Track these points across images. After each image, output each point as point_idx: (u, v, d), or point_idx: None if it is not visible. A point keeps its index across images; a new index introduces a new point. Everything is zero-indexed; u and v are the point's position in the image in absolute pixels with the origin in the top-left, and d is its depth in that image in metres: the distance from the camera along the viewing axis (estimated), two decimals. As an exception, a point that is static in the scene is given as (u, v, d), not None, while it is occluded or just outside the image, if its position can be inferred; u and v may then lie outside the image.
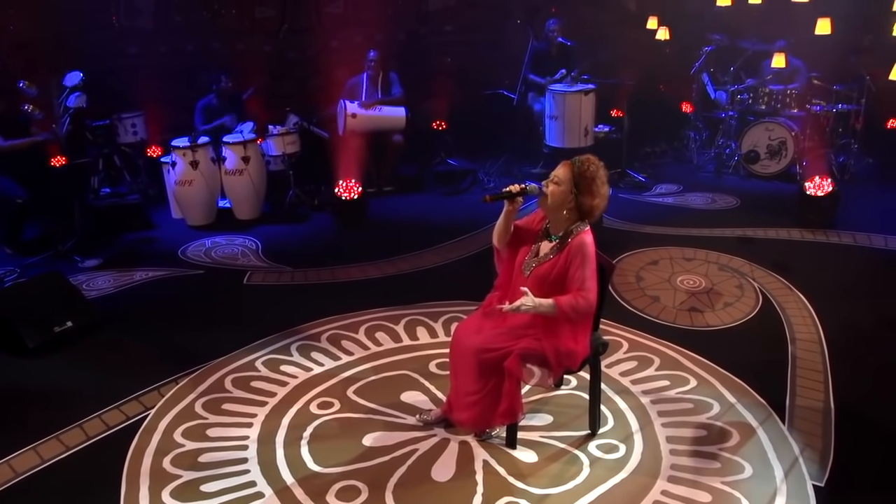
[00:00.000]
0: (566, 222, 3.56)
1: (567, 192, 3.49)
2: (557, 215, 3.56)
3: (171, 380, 4.47)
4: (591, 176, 3.48)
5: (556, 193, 3.50)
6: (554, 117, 8.35)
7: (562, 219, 3.56)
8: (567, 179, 3.49)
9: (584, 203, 3.51)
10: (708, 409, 4.07)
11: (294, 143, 7.56)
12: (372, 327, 5.06)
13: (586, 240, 3.51)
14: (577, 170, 3.49)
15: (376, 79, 8.18)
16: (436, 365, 4.54)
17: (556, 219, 3.59)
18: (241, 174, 7.22)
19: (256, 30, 9.00)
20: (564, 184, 3.49)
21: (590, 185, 3.49)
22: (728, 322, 5.08)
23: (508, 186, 3.60)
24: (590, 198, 3.50)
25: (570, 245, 3.50)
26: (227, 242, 6.86)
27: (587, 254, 3.47)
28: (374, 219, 7.37)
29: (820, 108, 8.32)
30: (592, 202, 3.52)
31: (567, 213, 3.54)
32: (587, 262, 3.46)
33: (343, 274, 6.05)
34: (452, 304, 5.35)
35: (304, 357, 4.69)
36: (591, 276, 3.46)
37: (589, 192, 3.49)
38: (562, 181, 3.50)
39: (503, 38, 9.87)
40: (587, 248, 3.49)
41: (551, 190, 3.51)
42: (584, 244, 3.49)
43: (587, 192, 3.49)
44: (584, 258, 3.46)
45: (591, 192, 3.50)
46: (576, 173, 3.48)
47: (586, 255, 3.47)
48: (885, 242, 6.45)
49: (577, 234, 3.52)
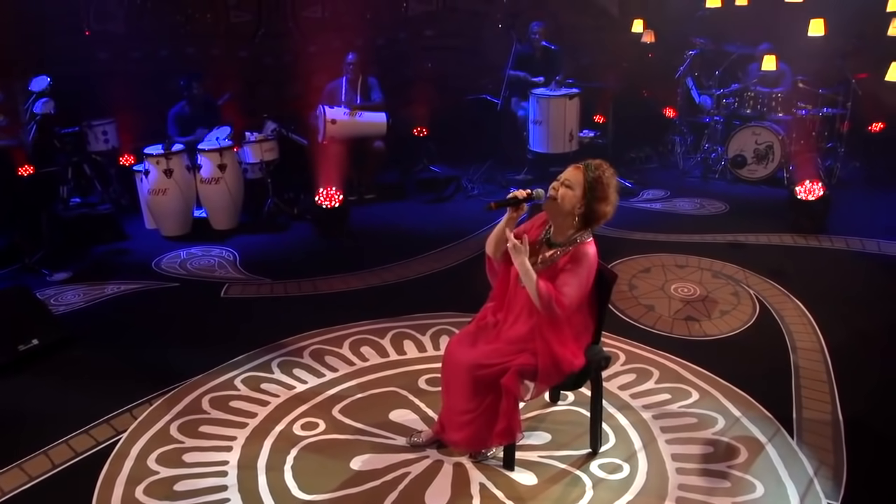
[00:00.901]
0: (571, 229, 3.36)
1: (579, 197, 3.29)
2: (564, 221, 3.36)
3: (145, 401, 4.20)
4: (606, 182, 3.31)
5: (567, 198, 3.30)
6: (538, 122, 8.20)
7: (567, 225, 3.36)
8: (579, 184, 3.29)
9: (597, 210, 3.31)
10: (713, 423, 3.89)
11: (272, 151, 7.31)
12: (357, 341, 4.82)
13: (589, 251, 3.31)
14: (591, 175, 3.28)
15: (356, 83, 7.97)
16: (425, 381, 4.32)
17: (561, 225, 3.39)
18: (218, 182, 6.96)
19: (231, 34, 8.75)
20: (577, 188, 3.29)
21: (605, 192, 3.31)
22: (726, 331, 4.91)
23: (514, 192, 3.40)
24: (603, 204, 3.32)
25: (572, 254, 3.30)
26: (203, 254, 6.58)
27: (584, 265, 3.28)
28: (356, 227, 7.13)
29: (806, 111, 8.24)
30: (605, 209, 3.34)
31: (574, 219, 3.34)
32: (579, 272, 3.26)
33: (325, 285, 5.81)
34: (440, 316, 5.13)
35: (285, 374, 4.44)
36: (576, 285, 3.25)
37: (603, 198, 3.31)
38: (573, 185, 3.30)
39: (484, 43, 9.69)
40: (587, 259, 3.29)
41: (562, 193, 3.31)
42: (585, 255, 3.29)
43: (601, 199, 3.30)
44: (578, 266, 3.27)
45: (605, 199, 3.32)
46: (590, 178, 3.28)
47: (582, 265, 3.27)
48: (878, 247, 6.34)
49: (581, 245, 3.32)
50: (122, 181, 7.78)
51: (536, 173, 8.44)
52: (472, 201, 7.92)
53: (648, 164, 9.12)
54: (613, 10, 10.33)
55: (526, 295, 3.35)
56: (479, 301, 5.28)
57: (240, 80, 8.44)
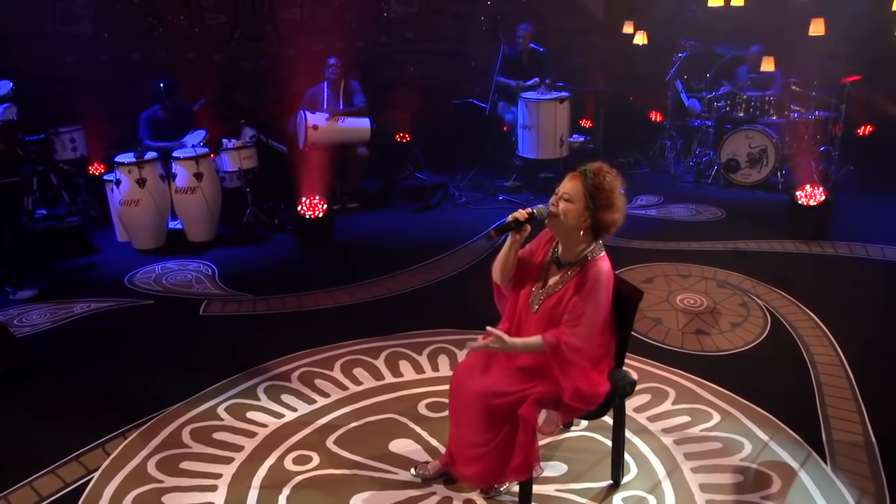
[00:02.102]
0: (580, 244, 3.05)
1: (582, 210, 2.98)
2: (570, 237, 3.06)
3: (118, 434, 3.82)
4: (609, 188, 2.98)
5: (569, 212, 2.99)
6: (527, 127, 7.92)
7: (575, 241, 3.06)
8: (580, 194, 2.97)
9: (604, 220, 3.00)
10: (739, 448, 3.61)
11: (251, 158, 6.95)
12: (348, 363, 4.48)
13: (603, 268, 3.00)
14: (591, 182, 2.97)
15: (337, 87, 7.65)
16: (426, 406, 4.00)
17: (568, 241, 3.08)
18: (194, 192, 6.58)
19: (206, 37, 8.36)
20: (578, 200, 2.98)
21: (609, 199, 2.98)
22: (740, 345, 4.65)
23: (514, 213, 3.08)
24: (610, 213, 3.00)
25: (585, 273, 3.00)
26: (179, 268, 6.20)
27: (600, 285, 2.97)
28: (340, 238, 6.80)
29: (798, 115, 8.08)
30: (613, 217, 3.01)
31: (581, 233, 3.04)
32: (594, 296, 2.95)
33: (310, 301, 5.46)
34: (437, 334, 4.82)
35: (273, 401, 4.08)
36: (593, 310, 2.95)
37: (609, 206, 2.99)
38: (574, 197, 2.98)
39: (468, 46, 9.42)
40: (602, 278, 2.98)
41: (563, 208, 2.99)
42: (600, 274, 2.98)
43: (606, 207, 2.98)
44: (593, 289, 2.95)
45: (612, 206, 2.99)
46: (590, 187, 2.96)
47: (598, 286, 2.96)
48: (882, 253, 6.15)
49: (593, 262, 3.01)
50: (91, 191, 7.39)
51: (525, 180, 8.20)
52: (460, 209, 7.62)
53: (639, 170, 8.88)
54: (599, 13, 10.12)
55: (539, 319, 3.06)
56: (476, 316, 5.01)
57: (215, 85, 8.06)
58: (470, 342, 3.12)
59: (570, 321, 2.94)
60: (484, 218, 7.22)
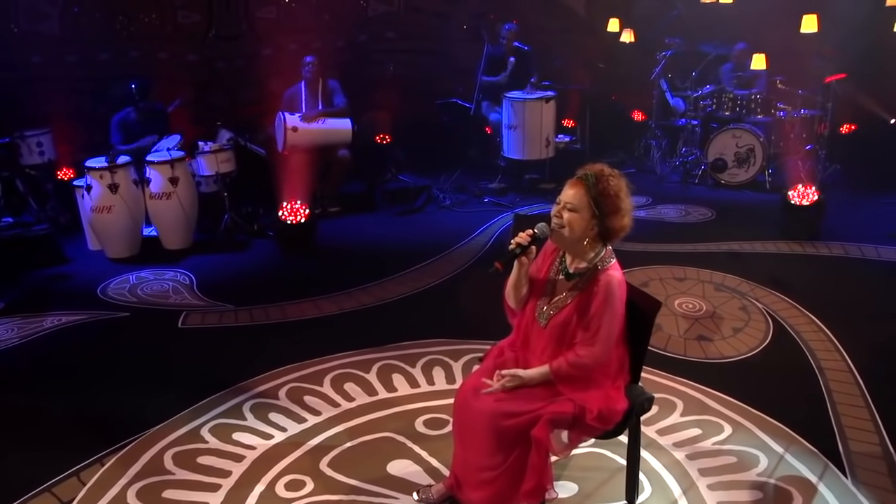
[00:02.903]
0: (588, 253, 2.87)
1: (588, 219, 2.79)
2: (577, 248, 2.87)
3: (95, 460, 3.55)
4: (614, 192, 2.79)
5: (574, 223, 2.79)
6: (513, 127, 7.75)
7: (582, 251, 2.87)
8: (583, 202, 2.78)
9: (612, 226, 2.82)
10: (754, 462, 3.45)
11: (229, 162, 6.67)
12: (338, 377, 4.26)
13: (616, 278, 2.81)
14: (594, 189, 2.77)
15: (315, 87, 7.42)
16: (424, 423, 3.79)
17: (575, 252, 2.90)
18: (169, 198, 6.29)
19: (179, 36, 8.06)
20: (582, 209, 2.78)
21: (615, 203, 2.80)
22: (744, 351, 4.50)
23: (515, 239, 2.87)
24: (617, 218, 2.82)
25: (596, 283, 2.81)
26: (155, 277, 5.92)
27: (613, 297, 2.78)
28: (323, 244, 6.56)
29: (784, 113, 8.00)
30: (621, 222, 2.83)
31: (589, 242, 2.85)
32: (608, 309, 2.77)
33: (295, 311, 5.22)
34: (430, 344, 4.61)
35: (260, 420, 3.84)
36: (608, 324, 2.78)
37: (616, 211, 2.80)
38: (578, 206, 2.79)
39: (449, 45, 9.22)
40: (616, 289, 2.79)
41: (568, 219, 2.80)
42: (612, 284, 2.79)
43: (613, 213, 2.80)
44: (607, 301, 2.77)
45: (619, 211, 2.81)
46: (594, 194, 2.77)
47: (612, 298, 2.78)
48: (877, 254, 6.06)
49: (605, 270, 2.83)
50: (60, 198, 7.05)
51: (510, 181, 8.03)
52: (445, 212, 7.43)
53: (624, 170, 8.66)
54: (580, 11, 9.98)
55: (549, 334, 2.88)
56: (469, 325, 4.84)
57: (189, 86, 7.77)
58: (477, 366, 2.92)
59: (585, 338, 2.76)
60: (470, 221, 7.04)
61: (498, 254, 5.65)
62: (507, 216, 7.19)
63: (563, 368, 2.78)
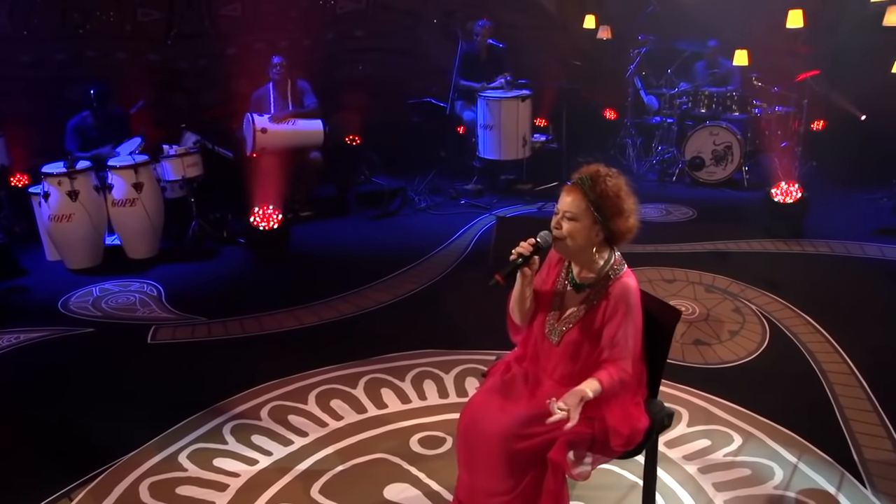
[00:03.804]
0: (596, 261, 2.68)
1: (590, 225, 2.60)
2: (584, 256, 2.68)
3: (62, 494, 3.25)
4: (614, 192, 2.60)
5: (576, 232, 2.60)
6: (488, 127, 7.55)
7: (589, 259, 2.68)
8: (583, 209, 2.59)
9: (618, 229, 2.63)
10: (769, 474, 3.29)
11: (196, 166, 6.35)
12: (324, 394, 4.00)
13: (630, 286, 2.63)
14: (591, 192, 2.58)
15: (284, 88, 7.15)
16: (419, 442, 3.56)
17: (582, 261, 2.70)
18: (133, 204, 5.96)
19: (139, 35, 7.70)
20: (583, 216, 2.59)
21: (617, 205, 2.61)
22: (743, 356, 4.36)
23: (516, 249, 2.67)
24: (622, 220, 2.63)
25: (610, 294, 2.62)
26: (120, 289, 5.59)
27: (631, 307, 2.60)
28: (297, 251, 6.29)
29: (760, 111, 7.96)
30: (627, 223, 2.65)
31: (596, 249, 2.66)
32: (629, 320, 2.59)
33: (272, 322, 4.95)
34: (418, 356, 4.38)
35: (243, 444, 3.58)
36: (633, 337, 2.60)
37: (619, 212, 2.61)
38: (578, 214, 2.59)
39: (419, 43, 9.01)
40: (632, 298, 2.61)
41: (568, 230, 2.60)
42: (627, 292, 2.61)
43: (617, 215, 2.61)
44: (627, 312, 2.59)
45: (622, 212, 2.62)
46: (592, 198, 2.58)
47: (630, 308, 2.60)
48: (862, 251, 6.00)
49: (618, 280, 2.64)
50: (14, 206, 6.67)
51: (486, 182, 7.83)
52: (421, 215, 7.21)
53: (600, 169, 8.59)
54: (551, 9, 9.83)
55: (562, 351, 2.69)
56: (458, 334, 4.63)
57: (151, 87, 7.43)
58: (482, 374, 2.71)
59: (617, 353, 2.57)
60: (448, 223, 6.83)
61: (493, 264, 5.50)
62: (486, 218, 7.00)
63: (615, 385, 2.56)
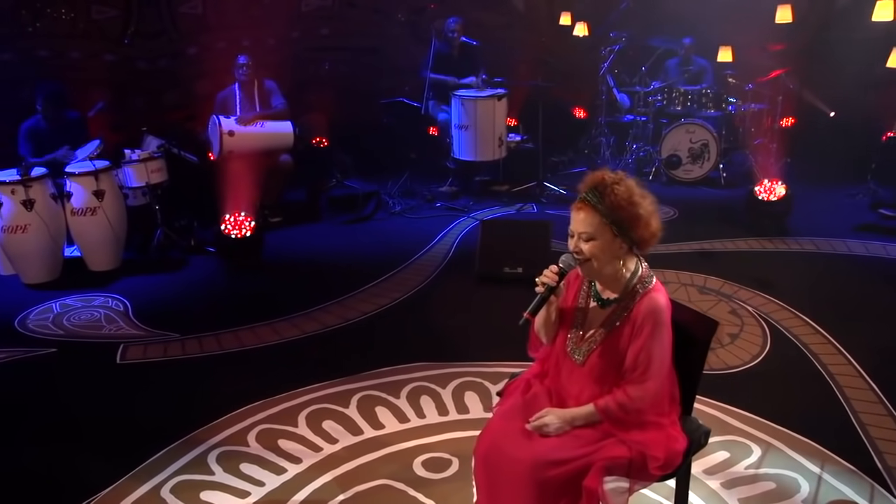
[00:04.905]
0: (623, 275, 2.48)
1: (610, 241, 2.40)
2: (611, 272, 2.48)
3: (32, 539, 2.94)
4: (625, 200, 2.38)
5: (598, 251, 2.40)
6: (463, 127, 7.33)
7: (615, 274, 2.48)
8: (597, 225, 2.38)
9: (638, 237, 2.43)
10: (795, 487, 3.14)
11: (160, 171, 5.99)
12: (315, 414, 3.74)
13: (659, 301, 2.43)
14: (602, 206, 2.37)
15: (251, 89, 6.84)
16: (423, 465, 3.32)
17: (607, 278, 2.50)
18: (94, 213, 5.59)
19: (94, 34, 7.28)
20: (600, 234, 2.38)
21: (633, 211, 2.39)
22: (748, 360, 4.22)
23: (541, 278, 2.48)
24: (641, 227, 2.42)
25: (638, 310, 2.43)
26: (82, 305, 5.22)
27: (661, 324, 2.41)
28: (270, 259, 5.99)
29: (734, 108, 7.92)
30: (649, 230, 2.45)
31: (621, 262, 2.46)
32: (658, 339, 2.40)
33: (251, 337, 4.65)
34: (411, 370, 4.15)
35: (231, 474, 3.29)
36: (658, 356, 2.41)
37: (636, 220, 2.40)
38: (594, 233, 2.38)
39: (388, 42, 8.75)
40: (662, 315, 2.42)
41: (589, 250, 2.40)
42: (656, 309, 2.41)
43: (635, 224, 2.40)
44: (653, 330, 2.40)
45: (639, 219, 2.41)
46: (604, 211, 2.38)
47: (660, 326, 2.41)
48: (847, 248, 5.95)
49: (647, 295, 2.44)
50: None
51: (461, 185, 7.61)
52: (397, 219, 6.96)
53: (576, 169, 8.46)
54: (520, 6, 9.67)
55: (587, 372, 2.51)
56: (451, 345, 4.40)
57: (107, 88, 7.03)
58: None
59: (635, 377, 2.39)
60: (426, 227, 6.61)
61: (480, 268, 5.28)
62: (465, 220, 6.79)
63: (611, 409, 2.39)
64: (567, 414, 2.43)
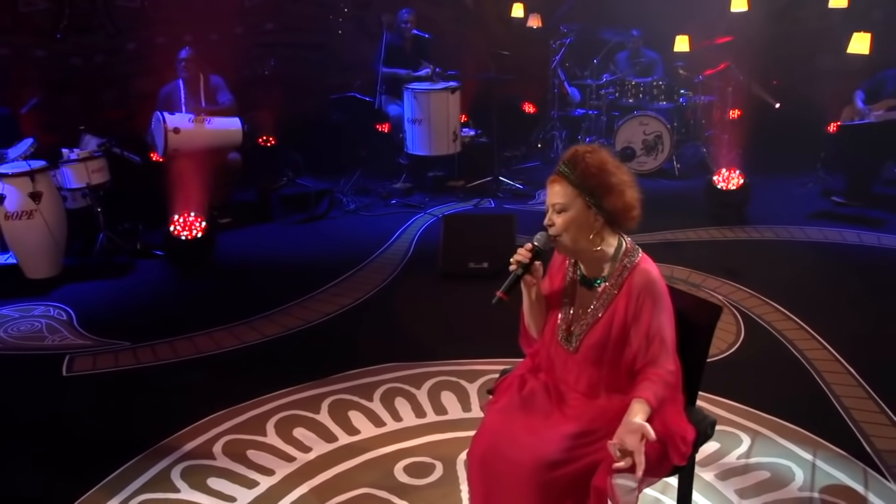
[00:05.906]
0: (605, 252, 2.35)
1: (583, 210, 2.27)
2: (590, 250, 2.35)
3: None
4: (597, 168, 2.25)
5: (570, 222, 2.27)
6: (417, 121, 7.16)
7: (597, 254, 2.35)
8: (570, 194, 2.26)
9: (615, 207, 2.27)
10: (789, 475, 3.07)
11: (101, 172, 5.64)
12: (284, 422, 3.51)
13: (651, 272, 2.32)
14: (573, 175, 2.25)
15: (195, 84, 6.55)
16: (404, 470, 3.13)
17: (589, 256, 2.37)
18: (31, 217, 5.22)
19: (23, 28, 6.84)
20: (571, 203, 2.26)
21: (604, 180, 2.25)
22: (725, 349, 4.16)
23: (514, 257, 2.36)
24: (615, 196, 2.26)
25: (630, 285, 2.31)
26: (21, 315, 4.85)
27: (659, 295, 2.30)
28: (222, 261, 5.71)
29: (685, 100, 7.96)
30: (622, 200, 2.28)
31: (600, 239, 2.33)
32: (660, 309, 2.29)
33: (209, 342, 4.38)
34: (382, 370, 3.96)
35: (198, 490, 3.04)
36: (668, 328, 2.30)
37: (609, 189, 2.25)
38: (567, 203, 2.26)
39: (335, 36, 8.51)
40: (657, 286, 2.31)
41: (562, 222, 2.27)
42: (650, 280, 2.30)
43: (607, 192, 2.25)
44: (655, 302, 2.29)
45: (612, 188, 2.26)
46: (576, 180, 2.25)
47: (658, 297, 2.29)
48: (805, 235, 6.00)
49: (636, 267, 2.33)
50: None
51: (415, 181, 7.44)
52: (351, 217, 6.75)
53: (530, 164, 8.38)
54: (468, 2, 9.54)
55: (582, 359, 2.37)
56: (420, 344, 4.23)
57: (39, 86, 6.63)
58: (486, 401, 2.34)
59: (656, 350, 2.26)
60: (382, 225, 6.42)
61: (443, 264, 5.12)
62: (423, 217, 6.63)
63: (660, 392, 2.23)
64: (632, 425, 2.17)
